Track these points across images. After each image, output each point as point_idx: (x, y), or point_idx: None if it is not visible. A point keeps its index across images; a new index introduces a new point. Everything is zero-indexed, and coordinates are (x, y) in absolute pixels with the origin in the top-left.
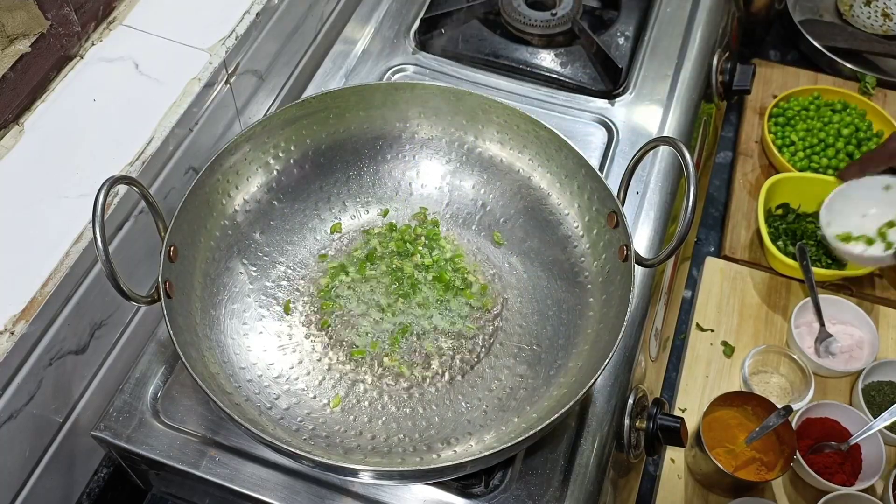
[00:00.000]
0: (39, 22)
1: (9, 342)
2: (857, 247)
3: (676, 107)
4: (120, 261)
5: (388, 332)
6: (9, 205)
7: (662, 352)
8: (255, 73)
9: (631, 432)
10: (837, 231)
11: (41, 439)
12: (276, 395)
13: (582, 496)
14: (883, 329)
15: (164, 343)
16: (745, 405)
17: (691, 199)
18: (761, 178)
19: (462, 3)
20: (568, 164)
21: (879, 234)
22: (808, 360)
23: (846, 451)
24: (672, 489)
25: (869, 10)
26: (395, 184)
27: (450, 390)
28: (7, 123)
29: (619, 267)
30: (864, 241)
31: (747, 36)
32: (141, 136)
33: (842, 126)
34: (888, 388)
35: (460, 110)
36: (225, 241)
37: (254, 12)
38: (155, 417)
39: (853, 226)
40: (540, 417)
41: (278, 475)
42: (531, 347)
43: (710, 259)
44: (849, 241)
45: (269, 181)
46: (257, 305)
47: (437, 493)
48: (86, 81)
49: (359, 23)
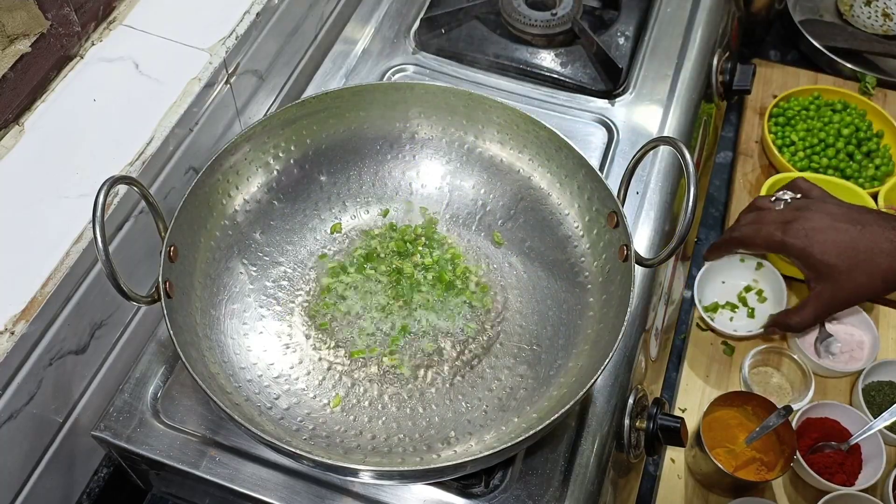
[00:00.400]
0: (39, 22)
1: (9, 342)
2: (725, 317)
3: (676, 107)
4: (120, 261)
5: (388, 332)
6: (9, 205)
7: (662, 352)
8: (255, 73)
9: (631, 432)
10: (706, 303)
11: (41, 439)
12: (276, 394)
13: (582, 496)
14: (883, 329)
15: (164, 343)
16: (746, 405)
17: (691, 199)
18: (761, 178)
19: (462, 3)
20: (568, 164)
21: (739, 299)
22: (808, 360)
23: (846, 451)
24: (672, 489)
25: (869, 10)
26: (396, 184)
27: (450, 390)
28: (7, 123)
29: (619, 267)
30: (728, 308)
31: (747, 36)
32: (141, 136)
33: (842, 126)
34: (888, 388)
35: (460, 110)
36: (225, 240)
37: (254, 12)
38: (155, 417)
39: (717, 295)
40: (540, 417)
41: (278, 475)
42: (531, 347)
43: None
44: (717, 310)
45: (270, 181)
46: (257, 305)
47: (438, 492)
48: (86, 81)
49: (359, 23)
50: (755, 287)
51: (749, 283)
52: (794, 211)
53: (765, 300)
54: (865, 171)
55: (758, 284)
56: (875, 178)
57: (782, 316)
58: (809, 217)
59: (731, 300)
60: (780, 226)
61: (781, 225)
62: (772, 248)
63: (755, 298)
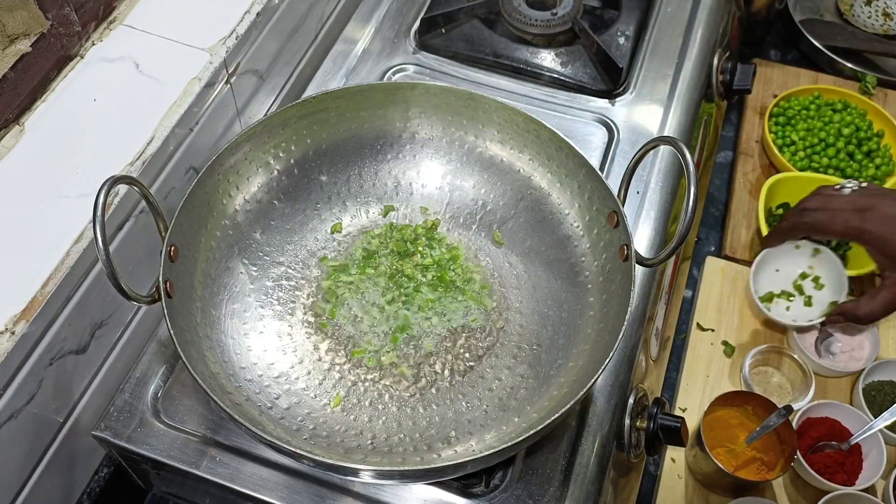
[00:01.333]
0: (40, 22)
1: (9, 342)
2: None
3: (677, 106)
4: (120, 261)
5: (388, 332)
6: (9, 205)
7: (663, 351)
8: (255, 72)
9: (631, 432)
10: (761, 293)
11: (42, 439)
12: (276, 394)
13: (582, 496)
14: (883, 329)
15: (164, 343)
16: (746, 405)
17: (692, 199)
18: (762, 178)
19: (462, 3)
20: (568, 164)
21: (795, 287)
22: (808, 359)
23: (847, 451)
24: (672, 489)
25: (869, 10)
26: (396, 183)
27: (450, 390)
28: (8, 123)
29: (619, 266)
30: (784, 298)
31: (748, 35)
32: (141, 136)
33: (842, 126)
34: (889, 388)
35: (460, 110)
36: (225, 240)
37: (254, 12)
38: (155, 417)
39: (772, 285)
40: (540, 417)
41: (279, 475)
42: (531, 347)
43: (711, 259)
44: (772, 300)
45: (270, 181)
46: (258, 305)
47: (438, 492)
48: (86, 81)
49: (359, 23)
50: (811, 274)
51: (804, 271)
52: (868, 198)
53: (822, 287)
54: (866, 171)
55: (813, 271)
56: (875, 178)
57: (851, 305)
58: (888, 204)
59: (786, 289)
60: (857, 213)
61: (858, 212)
62: (849, 235)
63: (812, 286)
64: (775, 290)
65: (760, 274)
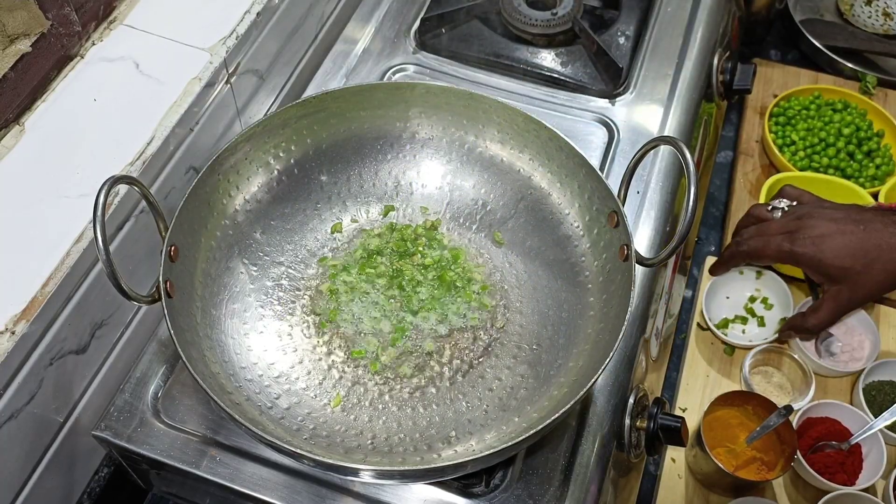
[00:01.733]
0: (40, 22)
1: (9, 342)
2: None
3: (677, 106)
4: (120, 260)
5: (388, 332)
6: (9, 205)
7: (663, 351)
8: (255, 72)
9: (631, 432)
10: (716, 321)
11: (42, 439)
12: (276, 394)
13: (582, 496)
14: (884, 328)
15: (164, 343)
16: (746, 405)
17: (692, 199)
18: (762, 178)
19: (462, 3)
20: (568, 164)
21: (747, 310)
22: (808, 359)
23: (847, 451)
24: (673, 489)
25: (869, 10)
26: (396, 183)
27: (450, 390)
28: (8, 123)
29: (619, 266)
30: (739, 322)
31: (748, 35)
32: (141, 136)
33: (842, 125)
34: (889, 388)
35: (461, 110)
36: (225, 240)
37: (254, 12)
38: (156, 417)
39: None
40: (540, 417)
41: (279, 475)
42: (531, 347)
43: (711, 259)
44: (727, 325)
45: (270, 181)
46: (258, 305)
47: (438, 492)
48: (86, 81)
49: (359, 22)
50: (759, 296)
51: (752, 294)
52: (795, 220)
53: (771, 307)
54: (866, 171)
55: (761, 293)
56: (876, 178)
57: (798, 319)
58: (813, 224)
59: (739, 313)
60: (787, 237)
61: (787, 236)
62: (782, 260)
63: (762, 307)
64: (729, 315)
65: (713, 302)
